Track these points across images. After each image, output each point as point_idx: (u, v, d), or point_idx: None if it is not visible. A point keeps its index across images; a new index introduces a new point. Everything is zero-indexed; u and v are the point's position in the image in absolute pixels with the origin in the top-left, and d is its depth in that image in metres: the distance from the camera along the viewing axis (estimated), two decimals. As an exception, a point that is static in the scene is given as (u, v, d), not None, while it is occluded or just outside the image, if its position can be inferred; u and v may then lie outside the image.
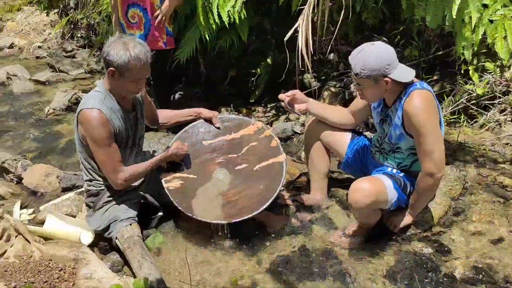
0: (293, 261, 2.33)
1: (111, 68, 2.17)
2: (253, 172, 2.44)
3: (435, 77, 3.59)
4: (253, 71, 4.21)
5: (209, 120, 2.67)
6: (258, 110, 4.15)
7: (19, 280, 2.08)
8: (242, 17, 3.51)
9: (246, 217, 2.31)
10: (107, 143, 2.23)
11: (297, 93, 2.50)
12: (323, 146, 2.68)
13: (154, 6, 3.29)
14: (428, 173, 2.16)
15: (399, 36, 3.70)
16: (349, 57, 2.17)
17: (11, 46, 7.04)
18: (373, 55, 2.09)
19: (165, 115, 2.75)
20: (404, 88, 2.19)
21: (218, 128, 2.65)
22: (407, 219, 2.37)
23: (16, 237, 2.34)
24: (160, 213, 2.51)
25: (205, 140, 2.63)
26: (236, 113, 2.82)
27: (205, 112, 2.68)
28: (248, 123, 2.63)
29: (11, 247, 2.27)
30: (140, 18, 3.49)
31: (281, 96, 2.50)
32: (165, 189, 2.41)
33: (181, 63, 3.62)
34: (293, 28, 3.03)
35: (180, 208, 2.35)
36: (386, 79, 2.11)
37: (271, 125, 3.79)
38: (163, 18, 3.36)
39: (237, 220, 2.31)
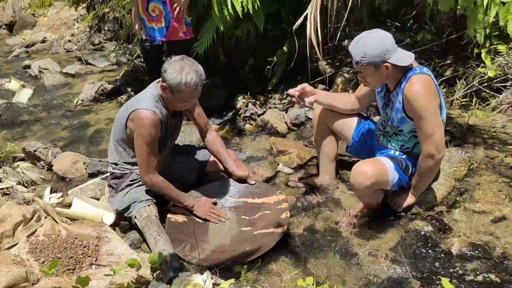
0: (300, 239, 2.46)
1: (164, 84, 2.35)
2: (252, 236, 2.43)
3: (448, 61, 3.59)
4: (270, 59, 4.31)
5: (243, 180, 2.74)
6: (275, 97, 4.25)
7: (48, 255, 2.30)
8: (256, 6, 3.60)
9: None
10: (152, 143, 2.42)
11: (305, 86, 2.55)
12: (331, 131, 2.78)
13: None
14: (428, 155, 2.24)
15: (411, 21, 3.71)
16: (349, 47, 2.26)
17: (43, 41, 7.35)
18: (372, 42, 2.17)
19: (212, 144, 2.82)
20: (404, 73, 2.27)
21: (251, 185, 2.72)
22: (410, 199, 2.46)
23: (45, 218, 2.55)
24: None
25: (230, 196, 2.70)
26: (266, 183, 2.85)
27: (241, 172, 2.73)
28: (273, 193, 2.66)
29: (41, 226, 2.48)
30: (160, 11, 3.66)
31: (290, 91, 2.55)
32: (167, 218, 2.50)
33: (199, 55, 3.76)
34: (302, 16, 3.11)
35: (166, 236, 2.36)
36: (386, 64, 2.19)
37: (286, 112, 3.89)
38: (182, 9, 3.52)
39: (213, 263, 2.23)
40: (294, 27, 3.15)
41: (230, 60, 4.72)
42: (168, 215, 2.52)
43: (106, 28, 6.68)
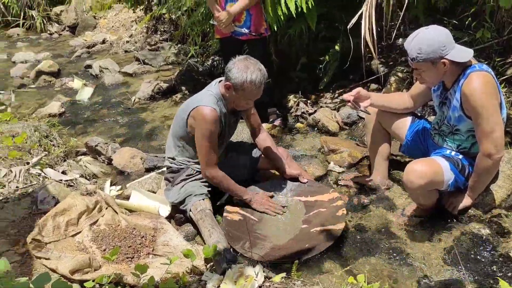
0: (350, 237, 2.46)
1: (228, 83, 2.44)
2: (308, 233, 2.43)
3: (509, 60, 3.45)
4: (322, 58, 4.31)
5: (295, 178, 2.77)
6: (326, 96, 4.24)
7: (108, 244, 2.42)
8: (310, 6, 3.61)
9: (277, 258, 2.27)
10: (212, 139, 2.51)
11: (360, 90, 2.53)
12: (384, 130, 2.76)
13: None
14: (486, 154, 2.17)
15: (470, 18, 3.60)
16: (404, 43, 2.23)
17: (103, 42, 7.71)
18: (428, 38, 2.14)
19: (263, 143, 2.84)
20: (462, 70, 2.21)
21: (303, 183, 2.74)
22: (466, 201, 2.40)
23: (106, 208, 2.69)
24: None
25: (283, 195, 2.73)
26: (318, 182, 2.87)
27: (293, 171, 2.76)
28: (326, 191, 2.67)
29: (102, 216, 2.63)
30: None
31: (345, 96, 2.54)
32: (223, 217, 2.56)
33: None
34: (357, 15, 3.09)
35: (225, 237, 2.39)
36: (444, 60, 2.15)
37: (337, 111, 3.88)
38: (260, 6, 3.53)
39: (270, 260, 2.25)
40: (348, 26, 3.14)
41: (282, 59, 4.76)
42: (224, 214, 2.58)
43: (162, 29, 6.91)
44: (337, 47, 4.23)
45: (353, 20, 3.10)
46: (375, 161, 2.83)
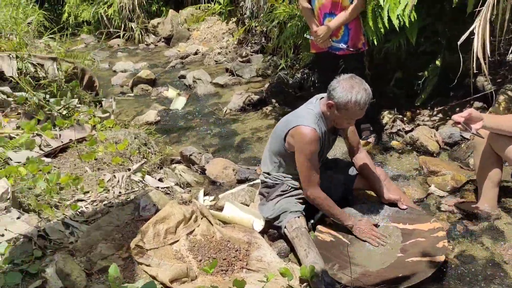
0: (452, 268, 2.30)
1: (331, 102, 2.41)
2: (404, 263, 2.30)
3: None
4: (420, 73, 4.12)
5: (393, 203, 2.66)
6: (424, 114, 4.04)
7: (204, 254, 2.46)
8: (412, 19, 3.48)
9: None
10: (313, 158, 2.48)
11: (472, 112, 2.35)
12: (495, 154, 2.55)
13: None
14: None
15: None
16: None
17: (195, 53, 8.01)
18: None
19: (361, 163, 2.76)
20: None
21: (402, 209, 2.63)
22: None
23: (201, 219, 2.74)
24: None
25: (378, 220, 2.63)
26: (419, 208, 2.73)
27: (391, 196, 2.66)
28: (426, 220, 2.53)
29: (198, 226, 2.68)
30: None
31: (455, 117, 2.35)
32: (314, 237, 2.50)
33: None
34: (469, 30, 2.91)
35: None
36: None
37: (437, 130, 3.67)
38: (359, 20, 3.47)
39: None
40: (458, 42, 2.95)
41: (375, 74, 4.62)
42: (316, 233, 2.53)
43: (253, 41, 7.03)
44: (437, 62, 4.02)
45: (464, 36, 2.92)
46: (484, 187, 2.63)
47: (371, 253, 2.42)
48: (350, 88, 2.32)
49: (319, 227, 2.58)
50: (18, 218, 2.46)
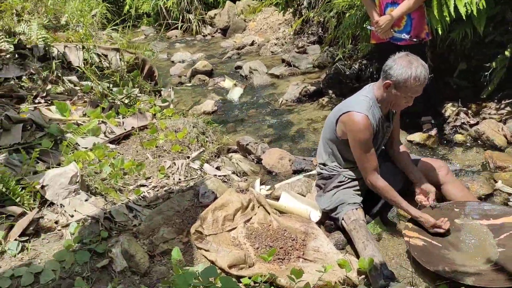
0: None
1: (388, 81, 2.37)
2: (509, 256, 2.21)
3: None
4: (487, 64, 3.92)
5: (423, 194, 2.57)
6: (490, 107, 3.85)
7: (261, 242, 2.49)
8: (481, 7, 3.31)
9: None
10: (368, 145, 2.45)
11: None
12: None
13: None
14: None
15: None
16: None
17: (251, 44, 8.04)
18: None
19: (402, 156, 2.72)
20: None
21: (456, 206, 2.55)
22: None
23: (258, 207, 2.78)
24: (381, 202, 2.65)
25: (457, 218, 2.51)
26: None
27: (427, 185, 2.57)
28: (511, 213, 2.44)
29: (255, 215, 2.71)
30: None
31: None
32: (408, 243, 2.36)
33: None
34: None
35: (419, 261, 2.25)
36: None
37: (504, 124, 3.50)
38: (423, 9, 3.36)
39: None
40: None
41: (438, 64, 4.44)
42: (406, 239, 2.39)
43: (309, 32, 6.96)
44: (506, 53, 3.81)
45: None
46: (557, 185, 2.48)
47: (468, 253, 2.30)
48: (408, 64, 2.28)
49: (405, 231, 2.44)
50: (86, 200, 2.59)
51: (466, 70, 4.26)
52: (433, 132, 3.65)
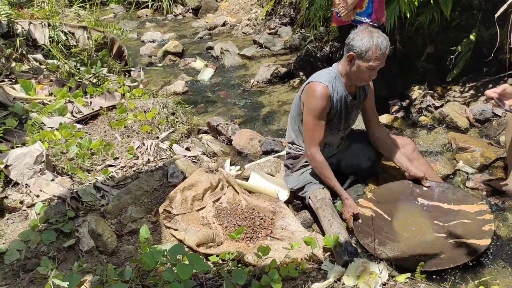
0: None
1: (351, 53, 2.38)
2: (445, 243, 2.27)
3: None
4: (453, 48, 4.02)
5: (417, 180, 2.62)
6: (455, 90, 3.95)
7: (230, 221, 2.52)
8: (449, -9, 3.38)
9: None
10: (318, 116, 2.47)
11: (507, 87, 2.26)
12: (528, 131, 2.50)
13: None
14: None
15: None
16: None
17: (223, 24, 7.97)
18: None
19: (383, 140, 2.72)
20: None
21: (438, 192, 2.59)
22: None
23: (228, 187, 2.80)
24: (350, 178, 2.72)
25: (418, 199, 2.58)
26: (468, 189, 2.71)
27: (417, 172, 2.61)
28: (473, 202, 2.47)
29: (224, 195, 2.74)
30: None
31: (488, 92, 2.27)
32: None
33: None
34: (507, 3, 2.81)
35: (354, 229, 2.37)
36: None
37: (468, 106, 3.60)
38: None
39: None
40: (496, 15, 2.86)
41: (406, 48, 4.52)
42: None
43: (281, 13, 6.93)
44: (472, 37, 3.90)
45: (502, 9, 2.82)
46: (514, 165, 2.59)
47: (411, 231, 2.39)
48: (369, 34, 2.31)
49: (361, 201, 2.55)
50: (52, 180, 2.56)
51: (433, 53, 4.35)
52: (400, 114, 3.74)
